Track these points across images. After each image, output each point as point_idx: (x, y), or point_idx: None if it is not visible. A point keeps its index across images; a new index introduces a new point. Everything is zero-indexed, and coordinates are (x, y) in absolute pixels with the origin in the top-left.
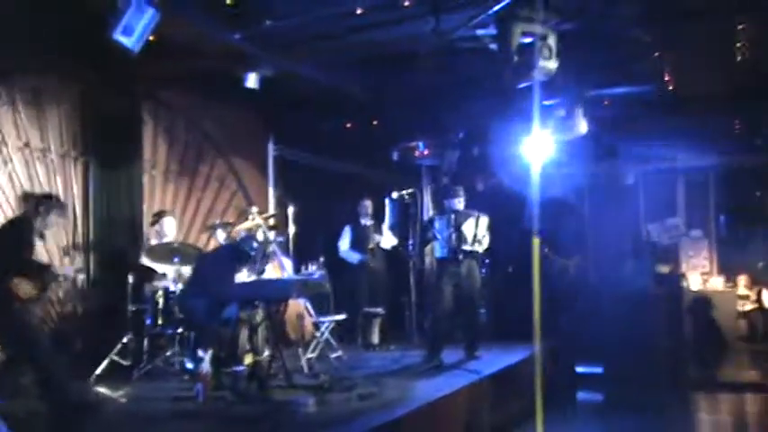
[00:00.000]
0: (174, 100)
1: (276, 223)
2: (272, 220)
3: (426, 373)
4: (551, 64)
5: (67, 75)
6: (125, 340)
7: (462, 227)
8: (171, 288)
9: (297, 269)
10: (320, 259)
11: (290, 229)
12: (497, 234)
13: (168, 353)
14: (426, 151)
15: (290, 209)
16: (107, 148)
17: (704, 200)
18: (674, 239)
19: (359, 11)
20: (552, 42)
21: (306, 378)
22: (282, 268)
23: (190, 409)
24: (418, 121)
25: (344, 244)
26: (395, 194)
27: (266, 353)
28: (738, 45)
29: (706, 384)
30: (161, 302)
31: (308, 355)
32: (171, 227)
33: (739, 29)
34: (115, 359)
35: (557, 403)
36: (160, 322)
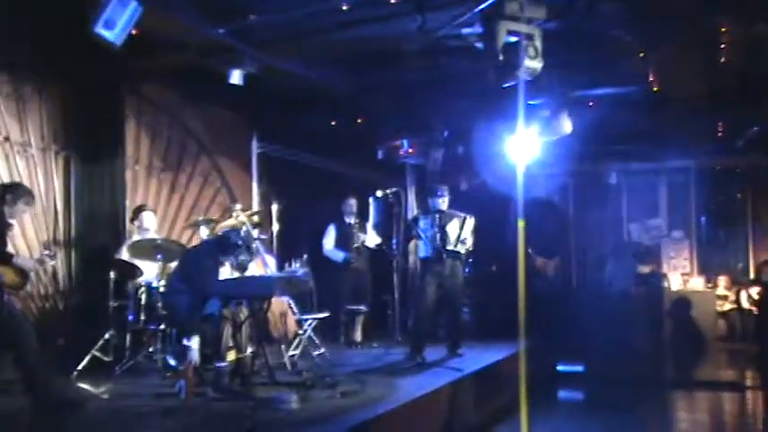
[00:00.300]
0: (158, 96)
1: (260, 220)
2: (255, 217)
3: (409, 370)
4: (536, 63)
5: (49, 68)
6: (107, 336)
7: (447, 227)
8: (154, 284)
9: (280, 267)
10: (304, 257)
11: (274, 226)
12: (481, 233)
13: (150, 349)
14: (411, 150)
15: (274, 206)
16: (89, 142)
17: (686, 201)
18: (655, 240)
19: (344, 7)
20: (537, 42)
21: (288, 375)
22: (266, 265)
23: (172, 406)
24: (403, 120)
25: (329, 242)
26: (379, 193)
27: (249, 350)
28: (722, 47)
29: (684, 383)
30: (143, 299)
31: (290, 353)
32: (151, 221)
33: (723, 31)
34: (97, 355)
35: (537, 401)
36: (142, 318)
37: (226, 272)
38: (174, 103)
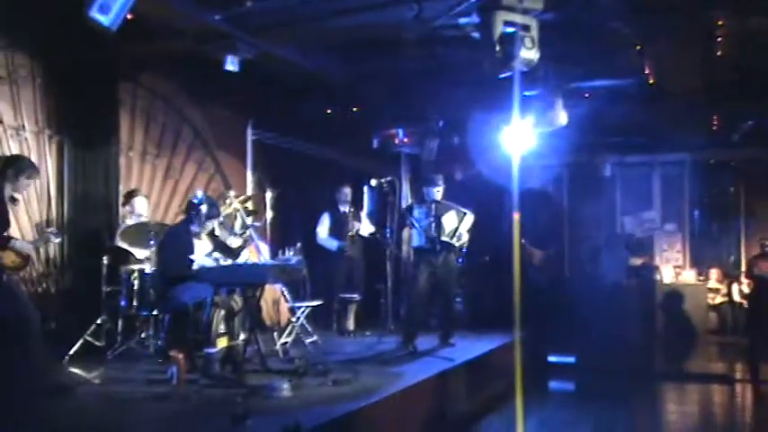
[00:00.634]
0: (153, 81)
1: (254, 207)
2: (249, 204)
3: (401, 359)
4: (532, 54)
5: (44, 53)
6: (99, 321)
7: (442, 218)
8: (146, 270)
9: (274, 254)
10: (297, 245)
11: (268, 213)
12: (475, 223)
13: (143, 335)
14: (406, 139)
15: (268, 193)
16: (83, 127)
17: (679, 194)
18: (648, 232)
19: None
20: (534, 33)
21: (281, 363)
22: (259, 253)
23: (164, 392)
24: (399, 109)
25: (323, 231)
26: (373, 182)
27: (242, 337)
28: (718, 40)
29: (675, 375)
30: (136, 284)
31: (283, 340)
32: (143, 206)
33: (719, 24)
34: (89, 340)
35: (528, 392)
36: (135, 304)
37: (205, 247)
38: (170, 90)
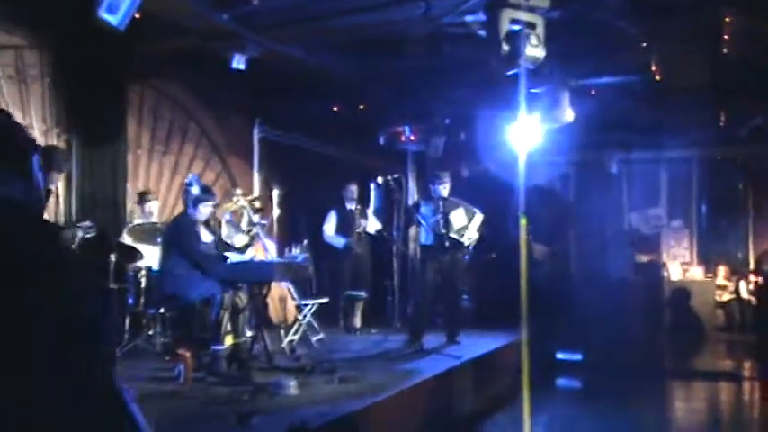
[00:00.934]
0: (160, 80)
1: (261, 206)
2: (256, 202)
3: (407, 357)
4: (539, 52)
5: (52, 52)
6: None
7: (450, 215)
8: (154, 268)
9: (280, 252)
10: (304, 242)
11: (275, 211)
12: (482, 221)
13: (150, 332)
14: (413, 136)
15: (275, 191)
16: (90, 126)
17: (686, 190)
18: (655, 229)
19: None
20: (540, 30)
21: (287, 360)
22: (266, 250)
23: (171, 390)
24: (405, 106)
25: (330, 228)
26: (380, 180)
27: (248, 334)
28: (725, 37)
29: (682, 373)
30: (143, 282)
31: (289, 338)
32: (154, 209)
33: (726, 21)
34: None
35: (536, 389)
36: (142, 302)
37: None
38: (177, 88)
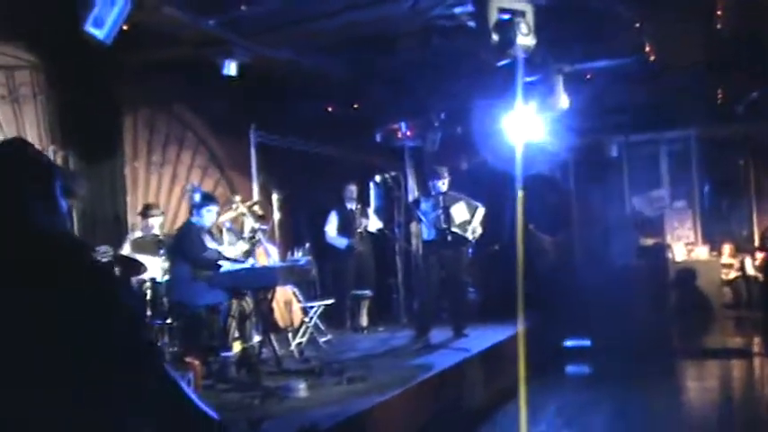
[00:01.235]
0: (153, 91)
1: (261, 211)
2: (256, 208)
3: (415, 353)
4: (529, 40)
5: (42, 67)
6: None
7: (451, 208)
8: (158, 279)
9: (283, 256)
10: (306, 245)
11: (275, 215)
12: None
13: (158, 343)
14: (409, 132)
15: (275, 196)
16: (86, 141)
17: (687, 170)
18: (657, 211)
19: None
20: (530, 18)
21: (296, 363)
22: (268, 255)
23: None
24: (400, 103)
25: (331, 229)
26: (378, 178)
27: (256, 339)
28: (718, 12)
29: (692, 352)
30: (149, 294)
31: (297, 341)
32: (157, 223)
33: None
34: None
35: (545, 377)
36: (149, 313)
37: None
38: (170, 98)
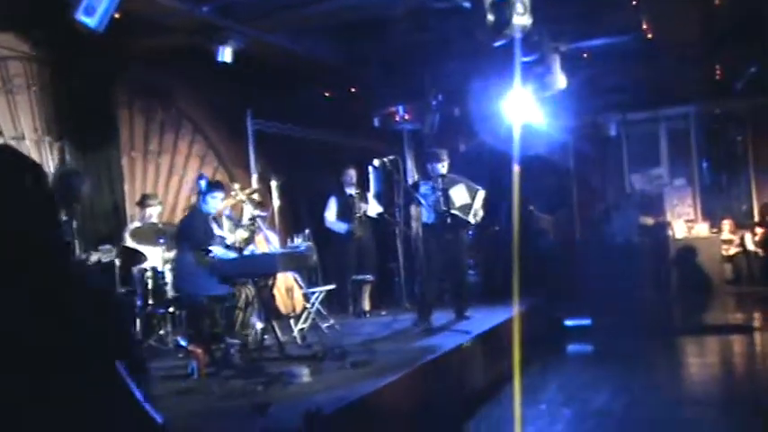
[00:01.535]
0: (148, 79)
1: (260, 198)
2: (255, 195)
3: (417, 336)
4: (525, 20)
5: (35, 58)
6: None
7: (450, 190)
8: (159, 268)
9: (283, 242)
10: (306, 231)
11: (275, 202)
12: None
13: (161, 332)
14: (407, 116)
15: (273, 182)
16: (82, 131)
17: (686, 147)
18: (657, 189)
19: None
20: None
21: (299, 349)
22: (268, 242)
23: (186, 386)
24: (397, 86)
25: (331, 215)
26: (376, 162)
27: (258, 326)
28: None
29: (693, 329)
30: (150, 283)
31: (299, 327)
32: (155, 213)
33: None
34: None
35: (547, 356)
36: (151, 302)
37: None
38: (165, 86)
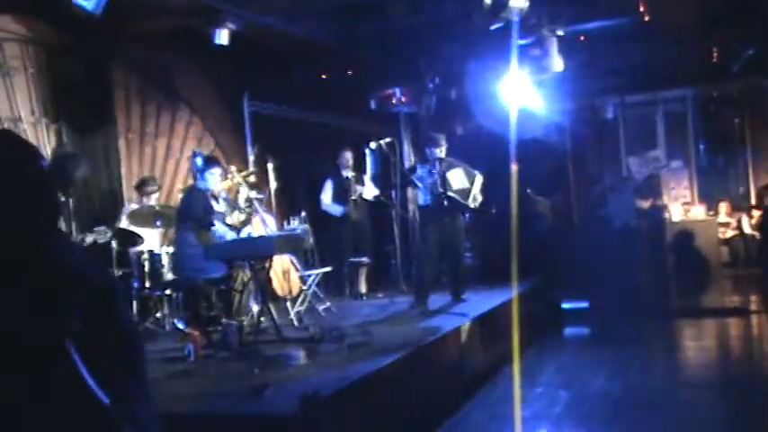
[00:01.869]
0: (144, 62)
1: (257, 180)
2: (251, 177)
3: (414, 319)
4: (522, 2)
5: (32, 40)
6: None
7: (447, 174)
8: (156, 251)
9: (280, 225)
10: (302, 214)
11: (271, 184)
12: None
13: (158, 315)
14: (403, 98)
15: (270, 165)
16: (79, 113)
17: (683, 129)
18: (654, 171)
19: None
20: None
21: (296, 331)
22: (265, 225)
23: (183, 369)
24: (393, 68)
25: (326, 197)
26: (373, 145)
27: (255, 309)
28: None
29: (690, 312)
30: (147, 265)
31: (296, 309)
32: (154, 197)
33: None
34: None
35: (544, 340)
36: (148, 285)
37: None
38: (162, 68)
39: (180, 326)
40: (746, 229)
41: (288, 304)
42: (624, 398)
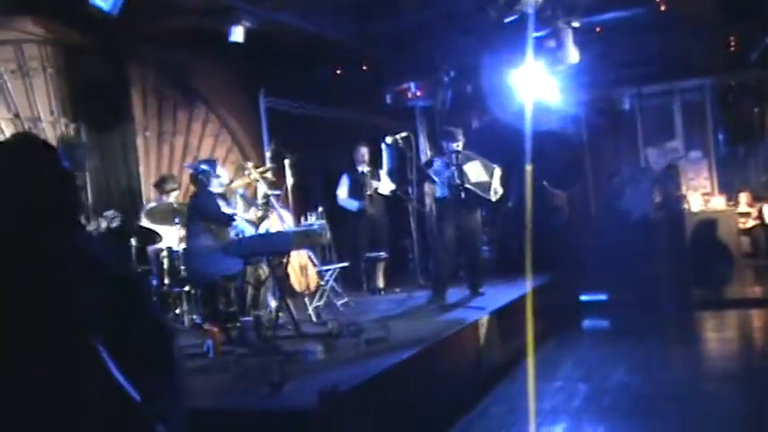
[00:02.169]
0: (161, 60)
1: (274, 177)
2: (268, 174)
3: (432, 313)
4: None
5: (50, 41)
6: None
7: (464, 167)
8: (174, 248)
9: (297, 221)
10: (319, 209)
11: (288, 181)
12: None
13: (177, 311)
14: (419, 92)
15: (286, 161)
16: (96, 112)
17: (702, 120)
18: (673, 162)
19: None
20: None
21: (314, 327)
22: (282, 221)
23: (202, 365)
24: (408, 63)
25: (342, 192)
26: (389, 139)
27: (273, 305)
28: None
29: (711, 304)
30: (166, 262)
31: (314, 304)
32: (173, 196)
33: None
34: None
35: (563, 332)
36: (166, 282)
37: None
38: (179, 67)
39: (199, 322)
40: (767, 220)
41: (306, 300)
42: (644, 391)
